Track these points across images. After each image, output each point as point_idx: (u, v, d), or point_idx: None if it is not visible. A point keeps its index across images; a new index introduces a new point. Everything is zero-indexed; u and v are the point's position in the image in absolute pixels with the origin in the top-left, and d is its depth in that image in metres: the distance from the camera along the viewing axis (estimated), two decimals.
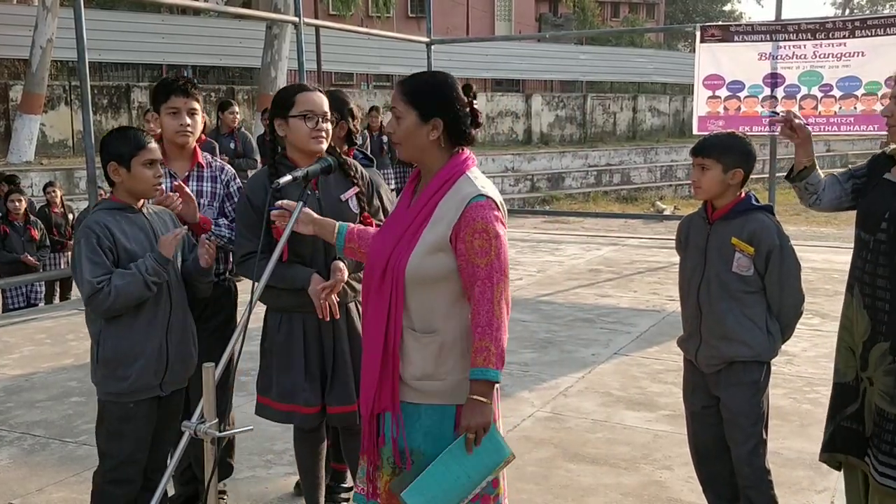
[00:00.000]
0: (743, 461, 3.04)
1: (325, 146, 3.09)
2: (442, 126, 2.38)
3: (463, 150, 2.46)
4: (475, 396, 2.33)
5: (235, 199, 3.47)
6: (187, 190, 3.23)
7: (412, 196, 2.49)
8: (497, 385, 2.36)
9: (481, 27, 36.59)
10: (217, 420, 2.13)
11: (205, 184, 3.42)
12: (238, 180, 3.55)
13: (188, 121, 3.31)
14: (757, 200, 3.06)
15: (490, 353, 2.31)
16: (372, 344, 2.44)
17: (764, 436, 3.06)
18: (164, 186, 3.34)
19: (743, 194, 3.04)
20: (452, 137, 2.42)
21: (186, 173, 3.39)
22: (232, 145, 9.15)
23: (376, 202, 3.30)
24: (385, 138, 10.79)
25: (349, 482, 3.70)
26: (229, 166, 3.56)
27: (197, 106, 3.35)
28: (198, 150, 3.45)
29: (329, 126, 3.13)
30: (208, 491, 2.18)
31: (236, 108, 9.58)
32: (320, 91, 3.17)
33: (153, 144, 2.96)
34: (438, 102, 2.38)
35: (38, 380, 5.51)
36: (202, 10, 21.62)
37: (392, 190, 7.74)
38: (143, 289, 2.81)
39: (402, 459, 2.42)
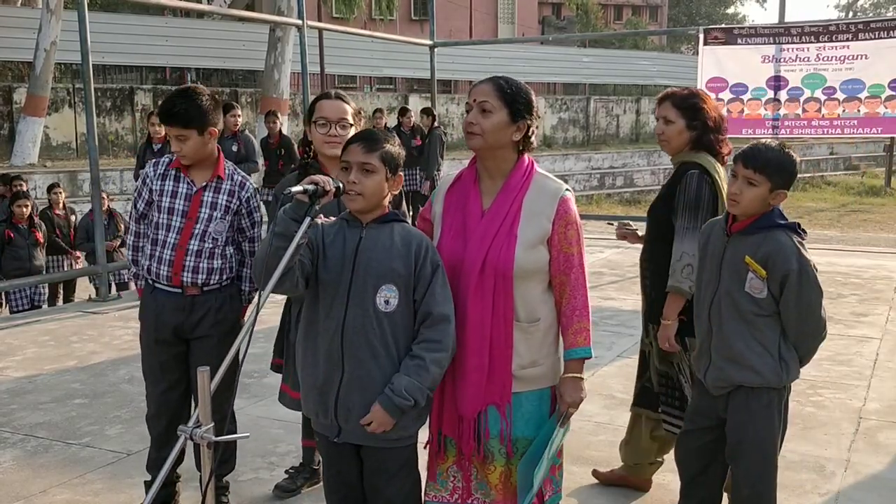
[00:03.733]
0: (744, 486, 2.85)
1: (337, 151, 3.12)
2: (524, 129, 2.56)
3: (524, 153, 2.62)
4: (575, 374, 2.59)
5: (255, 216, 3.50)
6: None
7: (479, 195, 2.61)
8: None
9: (484, 30, 36.62)
10: (213, 424, 2.09)
11: (221, 196, 3.38)
12: (258, 196, 3.53)
13: (178, 146, 3.28)
14: (783, 216, 2.78)
15: (588, 333, 2.59)
16: (478, 341, 2.53)
17: (774, 461, 2.86)
18: (181, 192, 3.36)
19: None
20: (522, 142, 2.59)
21: (204, 184, 3.37)
22: (234, 148, 9.13)
23: (404, 206, 3.39)
24: None
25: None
26: (251, 182, 3.51)
27: (186, 132, 3.26)
28: (221, 161, 3.42)
29: (346, 132, 3.25)
30: (206, 495, 2.17)
31: (238, 111, 9.58)
32: (343, 99, 3.34)
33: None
34: (527, 108, 2.56)
35: (41, 382, 5.52)
36: (205, 12, 21.66)
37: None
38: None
39: (515, 449, 2.60)
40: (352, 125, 3.32)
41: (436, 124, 11.85)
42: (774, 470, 2.87)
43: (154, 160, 3.48)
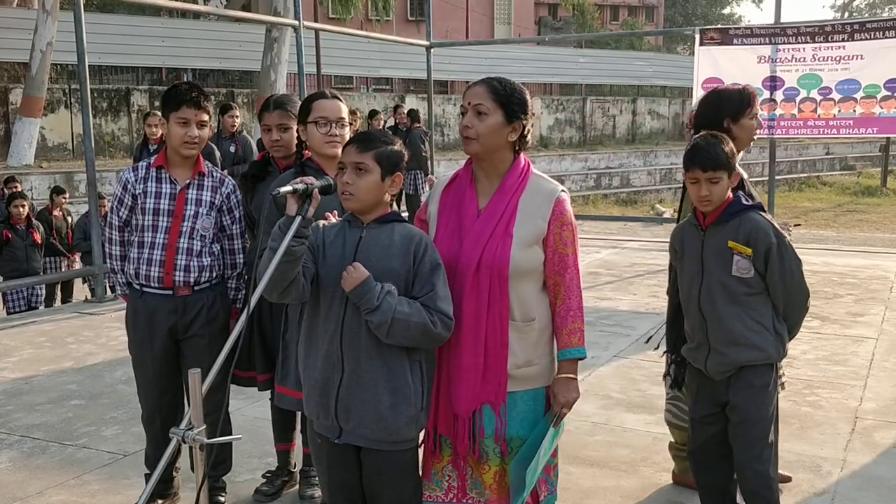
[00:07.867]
0: (746, 466, 2.96)
1: (338, 150, 3.15)
2: (520, 129, 2.57)
3: (521, 153, 2.64)
4: (569, 375, 2.60)
5: (235, 213, 3.52)
6: None
7: (475, 195, 2.61)
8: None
9: (481, 30, 36.60)
10: (205, 427, 2.09)
11: (204, 193, 3.43)
12: (238, 192, 3.56)
13: (196, 133, 3.32)
14: (747, 199, 2.99)
15: (582, 334, 2.60)
16: (473, 340, 2.54)
17: (771, 438, 2.98)
18: (165, 192, 3.37)
19: (731, 196, 2.97)
20: (518, 142, 2.60)
21: (187, 181, 3.40)
22: (232, 149, 9.12)
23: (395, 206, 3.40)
24: None
25: None
26: (230, 179, 3.55)
27: (206, 118, 3.37)
28: (200, 158, 3.46)
29: (344, 132, 3.26)
30: (199, 497, 2.16)
31: (236, 112, 9.57)
32: (339, 98, 3.35)
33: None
34: (522, 108, 2.57)
35: (37, 383, 5.51)
36: (202, 13, 21.64)
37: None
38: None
39: (509, 449, 2.60)
40: (350, 124, 3.34)
41: (416, 125, 11.79)
42: (774, 448, 3.00)
43: (132, 165, 3.50)
